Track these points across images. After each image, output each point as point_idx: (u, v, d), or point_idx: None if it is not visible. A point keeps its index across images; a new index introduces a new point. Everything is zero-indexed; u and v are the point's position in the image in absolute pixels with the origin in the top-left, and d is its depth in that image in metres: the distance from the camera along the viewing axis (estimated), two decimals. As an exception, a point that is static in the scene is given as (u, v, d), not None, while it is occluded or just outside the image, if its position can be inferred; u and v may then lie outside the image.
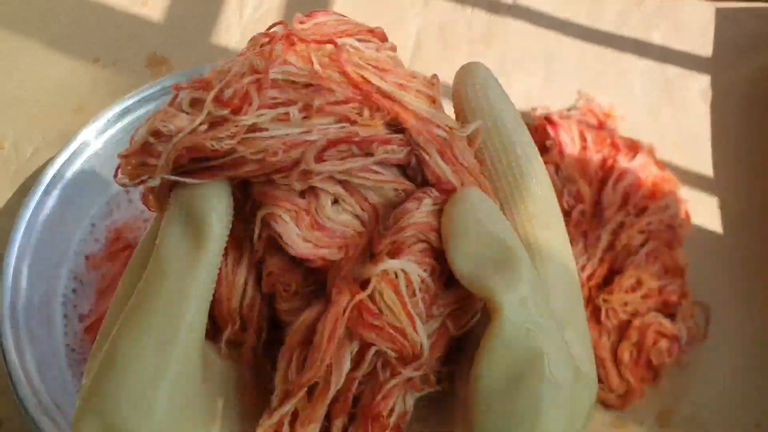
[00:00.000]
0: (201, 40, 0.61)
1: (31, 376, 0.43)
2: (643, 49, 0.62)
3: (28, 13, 0.62)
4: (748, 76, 0.61)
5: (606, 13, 0.64)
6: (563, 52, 0.62)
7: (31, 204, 0.47)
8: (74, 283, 0.50)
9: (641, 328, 0.50)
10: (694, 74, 0.61)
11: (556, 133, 0.55)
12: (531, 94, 0.60)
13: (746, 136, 0.59)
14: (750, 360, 0.52)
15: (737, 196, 0.57)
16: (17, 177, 0.56)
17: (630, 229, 0.52)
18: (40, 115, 0.58)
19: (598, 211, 0.53)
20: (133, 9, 0.62)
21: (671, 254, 0.52)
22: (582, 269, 0.52)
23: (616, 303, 0.51)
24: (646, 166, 0.54)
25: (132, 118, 0.51)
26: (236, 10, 0.63)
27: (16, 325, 0.44)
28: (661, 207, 0.53)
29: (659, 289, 0.51)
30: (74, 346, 0.48)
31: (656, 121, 0.60)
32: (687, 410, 0.50)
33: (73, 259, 0.50)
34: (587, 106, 0.58)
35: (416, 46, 0.62)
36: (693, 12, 0.64)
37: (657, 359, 0.50)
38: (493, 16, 0.63)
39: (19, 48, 0.60)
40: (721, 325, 0.53)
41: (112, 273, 0.50)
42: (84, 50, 0.60)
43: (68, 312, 0.49)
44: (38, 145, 0.57)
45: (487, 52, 0.62)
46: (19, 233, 0.46)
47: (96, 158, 0.50)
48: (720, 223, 0.56)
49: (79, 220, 0.51)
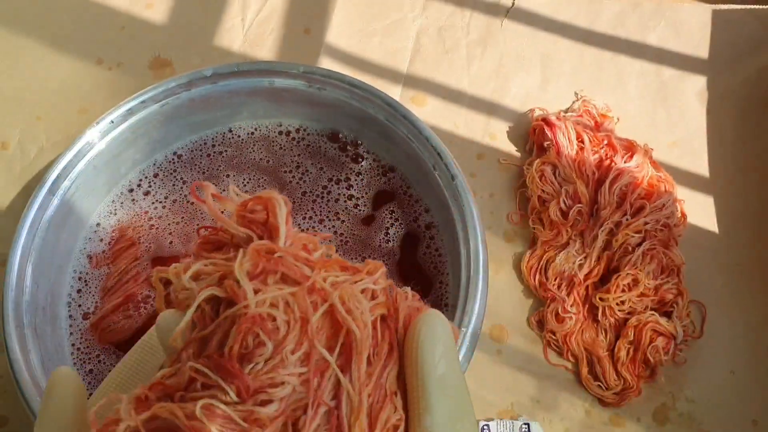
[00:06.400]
0: (204, 43, 0.62)
1: (36, 375, 0.43)
2: (640, 50, 0.63)
3: (32, 13, 0.62)
4: (745, 78, 0.61)
5: (603, 15, 0.64)
6: (560, 53, 0.63)
7: (35, 204, 0.48)
8: (78, 282, 0.50)
9: (638, 327, 0.51)
10: (690, 76, 0.62)
11: (553, 134, 0.56)
12: (528, 96, 0.61)
13: (742, 137, 0.60)
14: (746, 357, 0.52)
15: (733, 195, 0.58)
16: (22, 177, 0.56)
17: (626, 229, 0.52)
18: (44, 116, 0.58)
19: (595, 211, 0.54)
20: (136, 11, 0.63)
21: (667, 253, 0.53)
22: (579, 268, 0.53)
23: (613, 302, 0.51)
24: (642, 167, 0.55)
25: (135, 119, 0.51)
26: (239, 12, 0.63)
27: (21, 325, 0.45)
28: (657, 207, 0.53)
29: (655, 288, 0.52)
30: (79, 345, 0.48)
31: (653, 121, 0.60)
32: (683, 407, 0.51)
33: (77, 258, 0.51)
34: (584, 107, 0.59)
35: (415, 48, 0.62)
36: (690, 14, 0.64)
37: (653, 357, 0.50)
38: (491, 18, 0.64)
39: (23, 49, 0.61)
40: (717, 323, 0.53)
41: (116, 272, 0.50)
42: (88, 52, 0.61)
43: (72, 311, 0.49)
44: (42, 146, 0.57)
45: (485, 54, 0.62)
46: (23, 233, 0.47)
47: (99, 159, 0.51)
48: (716, 223, 0.56)
49: (83, 219, 0.52)
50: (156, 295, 0.27)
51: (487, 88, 0.61)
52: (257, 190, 0.53)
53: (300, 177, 0.54)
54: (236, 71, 0.52)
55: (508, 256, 0.55)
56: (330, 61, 0.61)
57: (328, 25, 0.63)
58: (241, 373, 0.21)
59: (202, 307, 0.23)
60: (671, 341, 0.51)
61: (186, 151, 0.55)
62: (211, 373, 0.21)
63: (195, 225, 0.52)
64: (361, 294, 0.24)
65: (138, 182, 0.54)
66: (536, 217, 0.55)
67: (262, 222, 0.25)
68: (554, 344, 0.52)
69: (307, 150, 0.55)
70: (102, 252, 0.51)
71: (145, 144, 0.53)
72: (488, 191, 0.57)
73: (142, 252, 0.51)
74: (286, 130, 0.56)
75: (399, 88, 0.61)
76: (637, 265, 0.52)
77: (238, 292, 0.22)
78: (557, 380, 0.51)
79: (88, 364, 0.48)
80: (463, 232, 0.48)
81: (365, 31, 0.63)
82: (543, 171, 0.55)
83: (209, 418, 0.20)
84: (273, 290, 0.22)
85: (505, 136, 0.59)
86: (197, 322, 0.23)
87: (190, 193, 0.25)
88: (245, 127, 0.56)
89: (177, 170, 0.54)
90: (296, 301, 0.22)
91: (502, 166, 0.58)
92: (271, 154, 0.55)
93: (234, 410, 0.21)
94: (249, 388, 0.21)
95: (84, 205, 0.51)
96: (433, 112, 0.60)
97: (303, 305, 0.22)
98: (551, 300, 0.52)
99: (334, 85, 0.52)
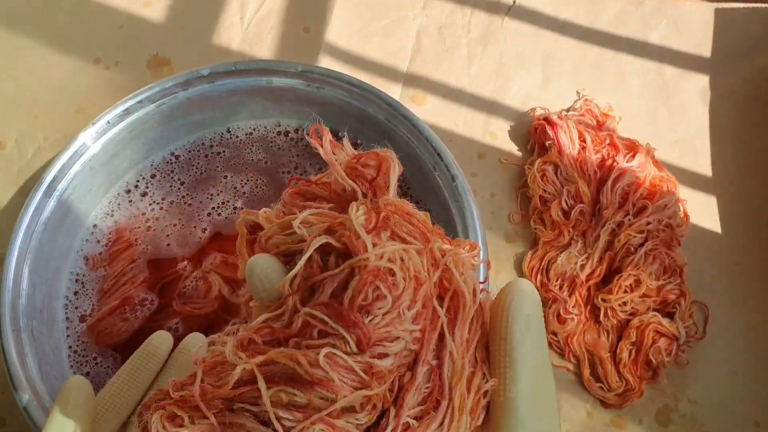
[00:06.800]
0: (202, 41, 0.61)
1: (33, 377, 0.43)
2: (642, 49, 0.62)
3: (30, 13, 0.62)
4: (747, 76, 0.61)
5: (605, 14, 0.64)
6: (562, 52, 0.62)
7: (31, 205, 0.47)
8: (75, 284, 0.50)
9: (640, 328, 0.50)
10: (692, 74, 0.62)
11: (555, 134, 0.55)
12: (530, 95, 0.60)
13: (744, 137, 0.59)
14: (748, 358, 0.52)
15: (736, 195, 0.57)
16: (19, 177, 0.56)
17: (629, 229, 0.52)
18: (41, 115, 0.58)
19: (597, 211, 0.54)
20: (135, 9, 0.62)
21: (670, 254, 0.52)
22: (581, 269, 0.52)
23: (615, 302, 0.51)
24: (644, 166, 0.54)
25: (132, 119, 0.51)
26: (238, 11, 0.63)
27: (18, 328, 0.44)
28: (659, 207, 0.53)
29: (658, 289, 0.51)
30: (76, 347, 0.48)
31: (655, 121, 0.60)
32: (686, 408, 0.50)
33: (74, 260, 0.51)
34: (586, 106, 0.59)
35: (415, 47, 0.62)
36: (692, 13, 0.64)
37: (656, 358, 0.50)
38: (492, 17, 0.63)
39: (21, 48, 0.60)
40: (720, 323, 0.53)
41: (112, 274, 0.50)
42: (86, 51, 0.61)
43: (69, 313, 0.49)
44: (40, 145, 0.57)
45: (486, 53, 0.62)
46: (19, 235, 0.46)
47: (96, 159, 0.50)
48: (718, 223, 0.56)
49: (79, 221, 0.51)
50: (238, 239, 0.26)
51: (487, 87, 0.61)
52: (256, 192, 0.53)
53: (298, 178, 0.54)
54: (234, 70, 0.52)
55: (509, 256, 0.55)
56: (329, 60, 0.61)
57: (327, 23, 0.62)
58: (364, 323, 0.21)
59: (311, 255, 0.22)
60: (674, 342, 0.50)
61: (183, 151, 0.54)
62: (331, 321, 0.21)
63: (192, 227, 0.52)
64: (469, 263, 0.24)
65: (135, 183, 0.53)
66: (538, 217, 0.55)
67: (369, 179, 0.25)
68: (556, 345, 0.52)
69: (306, 150, 0.55)
70: (99, 254, 0.51)
71: (142, 144, 0.53)
72: (489, 191, 0.57)
73: (139, 254, 0.51)
74: (285, 130, 0.55)
75: (399, 87, 0.60)
76: (640, 265, 0.51)
77: (357, 244, 0.22)
78: (559, 381, 0.51)
79: (85, 366, 0.47)
80: (463, 233, 0.47)
81: (365, 30, 0.62)
82: (544, 171, 0.55)
83: (332, 367, 0.20)
84: (390, 245, 0.22)
85: (506, 135, 0.59)
86: (305, 268, 0.22)
87: (309, 134, 0.26)
88: (243, 127, 0.55)
89: (174, 171, 0.54)
90: (410, 258, 0.22)
91: (503, 166, 0.58)
92: (270, 154, 0.55)
93: (354, 361, 0.21)
94: (370, 339, 0.21)
95: (81, 206, 0.51)
96: (433, 111, 0.59)
97: (416, 264, 0.22)
98: (553, 301, 0.52)
99: (333, 85, 0.52)
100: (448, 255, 0.23)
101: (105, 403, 0.38)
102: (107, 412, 0.37)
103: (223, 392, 0.21)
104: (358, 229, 0.22)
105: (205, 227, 0.52)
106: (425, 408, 0.22)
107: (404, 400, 0.21)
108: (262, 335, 0.22)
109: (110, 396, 0.38)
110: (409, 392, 0.21)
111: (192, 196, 0.53)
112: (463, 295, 0.23)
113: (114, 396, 0.37)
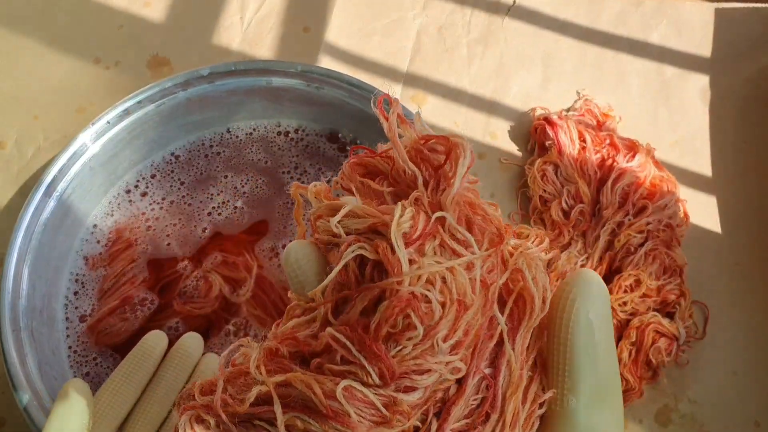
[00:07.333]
0: (202, 41, 0.61)
1: (32, 377, 0.43)
2: (642, 49, 0.62)
3: (30, 13, 0.62)
4: (747, 76, 0.61)
5: (605, 14, 0.64)
6: (562, 52, 0.62)
7: (31, 206, 0.47)
8: (75, 284, 0.50)
9: (640, 328, 0.50)
10: (692, 74, 0.61)
11: (555, 134, 0.55)
12: (529, 95, 0.60)
13: (745, 137, 0.59)
14: (748, 358, 0.52)
15: (736, 195, 0.57)
16: (19, 177, 0.56)
17: (629, 229, 0.52)
18: (41, 115, 0.58)
19: (597, 211, 0.54)
20: (135, 9, 0.62)
21: (670, 254, 0.52)
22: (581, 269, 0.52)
23: (615, 302, 0.51)
24: (644, 166, 0.54)
25: (132, 119, 0.51)
26: (238, 11, 0.63)
27: (17, 328, 0.44)
28: (659, 207, 0.53)
29: (658, 289, 0.51)
30: (75, 347, 0.48)
31: (655, 121, 0.60)
32: (686, 408, 0.50)
33: (74, 260, 0.51)
34: (586, 106, 0.59)
35: (416, 47, 0.62)
36: (692, 12, 0.64)
37: (656, 358, 0.50)
38: (492, 17, 0.63)
39: (20, 48, 0.60)
40: (720, 324, 0.53)
41: (112, 274, 0.50)
42: (85, 51, 0.61)
43: (69, 313, 0.49)
44: (40, 145, 0.57)
45: (486, 53, 0.62)
46: (19, 235, 0.46)
47: (96, 159, 0.50)
48: (718, 223, 0.56)
49: (79, 221, 0.51)
50: (295, 208, 0.25)
51: (487, 87, 0.61)
52: (256, 191, 0.53)
53: (298, 178, 0.54)
54: (233, 70, 0.52)
55: (509, 256, 0.55)
56: (329, 60, 0.61)
57: (327, 23, 0.62)
58: (387, 356, 0.19)
59: (347, 263, 0.20)
60: (674, 342, 0.50)
61: (183, 151, 0.54)
62: (354, 349, 0.19)
63: (192, 227, 0.52)
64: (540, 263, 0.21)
65: (135, 183, 0.53)
66: (538, 217, 0.55)
67: (435, 166, 0.22)
68: (556, 346, 0.52)
69: (306, 150, 0.55)
70: (99, 254, 0.51)
71: (141, 144, 0.53)
72: (489, 191, 0.57)
73: (139, 254, 0.51)
74: (285, 131, 0.55)
75: (399, 87, 0.60)
76: (640, 265, 0.51)
77: (392, 261, 0.19)
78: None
79: (85, 366, 0.47)
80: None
81: (365, 30, 0.62)
82: (544, 171, 0.55)
83: (348, 400, 0.18)
84: (430, 263, 0.20)
85: (506, 135, 0.59)
86: (339, 274, 0.21)
87: (376, 105, 0.23)
88: (243, 127, 0.55)
89: (174, 171, 0.54)
90: (455, 279, 0.20)
91: (503, 166, 0.58)
92: (270, 154, 0.55)
93: (375, 394, 0.19)
94: (394, 374, 0.19)
95: (81, 206, 0.51)
96: (433, 111, 0.59)
97: (462, 285, 0.20)
98: (552, 301, 0.52)
99: (333, 84, 0.52)
100: (519, 254, 0.21)
101: (103, 403, 0.38)
102: (105, 412, 0.37)
103: (240, 410, 0.19)
104: (395, 243, 0.19)
105: (205, 227, 0.52)
106: (471, 422, 0.20)
107: (450, 413, 0.19)
108: (288, 345, 0.20)
109: (108, 396, 0.38)
110: (456, 405, 0.19)
111: (192, 196, 0.53)
112: (532, 302, 0.21)
113: (111, 396, 0.38)
